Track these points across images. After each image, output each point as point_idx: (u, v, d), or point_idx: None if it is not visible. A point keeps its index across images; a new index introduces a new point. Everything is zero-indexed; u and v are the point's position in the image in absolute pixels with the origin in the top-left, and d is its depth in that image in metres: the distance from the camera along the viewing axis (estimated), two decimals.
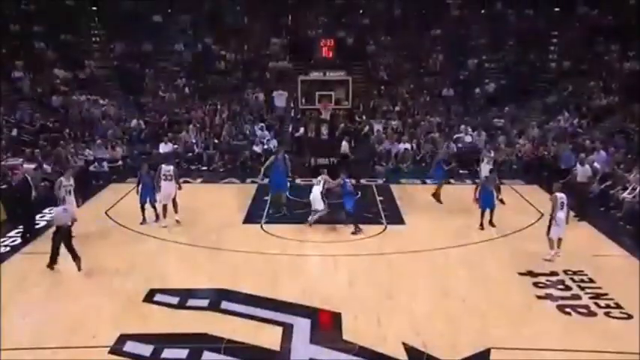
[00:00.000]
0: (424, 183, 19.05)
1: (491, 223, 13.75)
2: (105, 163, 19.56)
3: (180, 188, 14.00)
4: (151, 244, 12.78)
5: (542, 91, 25.09)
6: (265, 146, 21.71)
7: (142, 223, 13.74)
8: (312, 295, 10.27)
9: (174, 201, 14.24)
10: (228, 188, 18.54)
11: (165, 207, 14.01)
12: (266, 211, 15.21)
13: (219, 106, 24.71)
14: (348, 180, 14.21)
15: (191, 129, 22.72)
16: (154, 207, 13.89)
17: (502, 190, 15.13)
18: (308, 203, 14.37)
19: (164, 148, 21.46)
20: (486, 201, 13.66)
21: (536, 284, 10.68)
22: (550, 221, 11.46)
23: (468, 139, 22.06)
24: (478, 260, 11.81)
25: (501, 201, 14.82)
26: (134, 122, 23.41)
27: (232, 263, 11.72)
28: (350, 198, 14.12)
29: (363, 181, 19.66)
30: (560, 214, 11.36)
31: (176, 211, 14.12)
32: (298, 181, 18.43)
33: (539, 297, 10.22)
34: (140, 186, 13.83)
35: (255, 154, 21.48)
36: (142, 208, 13.80)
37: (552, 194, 11.57)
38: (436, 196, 16.04)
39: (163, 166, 14.09)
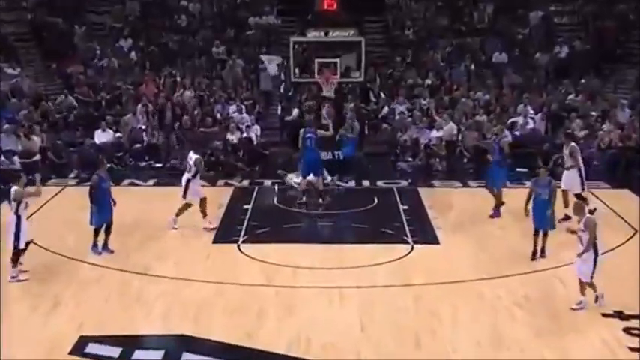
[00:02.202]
0: (465, 186, 19.19)
1: (542, 252, 13.28)
2: (16, 158, 19.72)
3: (114, 204, 14.04)
4: (85, 273, 12.87)
5: (636, 56, 25.11)
6: (244, 134, 21.88)
7: (95, 250, 13.74)
8: (309, 344, 10.21)
9: (202, 201, 15.07)
10: None
11: (185, 207, 15.03)
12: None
13: (178, 78, 24.91)
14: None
15: (139, 110, 22.91)
16: (108, 231, 13.91)
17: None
18: (300, 213, 14.51)
19: (101, 137, 21.66)
20: (538, 217, 13.32)
21: (628, 330, 10.72)
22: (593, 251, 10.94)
23: (528, 124, 22.23)
24: (542, 296, 11.86)
25: (566, 218, 14.78)
26: (59, 100, 23.58)
27: (198, 299, 11.77)
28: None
29: (380, 183, 19.81)
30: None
31: (204, 215, 15.00)
32: (292, 177, 18.58)
33: (632, 349, 10.28)
34: (95, 196, 13.65)
35: (229, 146, 21.64)
36: (97, 231, 13.81)
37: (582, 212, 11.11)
38: (497, 207, 16.13)
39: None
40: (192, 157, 15.42)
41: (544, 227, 13.35)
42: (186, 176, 15.35)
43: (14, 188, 12.66)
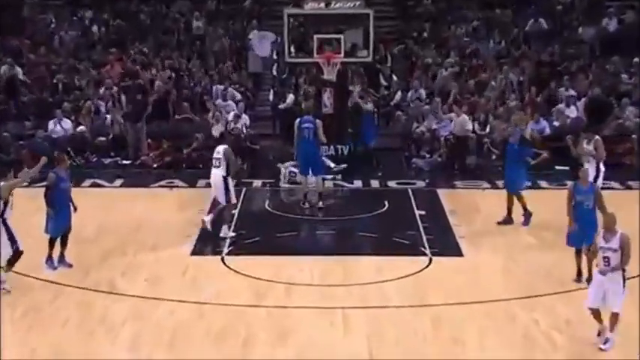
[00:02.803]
0: (494, 187, 19.22)
1: (589, 274, 12.37)
2: None
3: (75, 209, 13.99)
4: (38, 292, 12.87)
5: None
6: (231, 125, 21.89)
7: (51, 264, 13.74)
8: None
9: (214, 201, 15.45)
10: (167, 196, 18.73)
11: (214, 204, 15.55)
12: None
13: (151, 57, 24.89)
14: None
15: (103, 96, 22.92)
16: (65, 242, 13.86)
17: (619, 202, 15.19)
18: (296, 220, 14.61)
19: (57, 127, 21.64)
20: (580, 230, 12.94)
21: None
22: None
23: (571, 112, 22.20)
24: (586, 319, 11.80)
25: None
26: (2, 71, 23.47)
27: (173, 322, 11.76)
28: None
29: (392, 183, 19.81)
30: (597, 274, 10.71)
31: (211, 210, 15.49)
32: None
33: None
34: (52, 198, 13.62)
35: (213, 139, 21.62)
36: (52, 242, 13.81)
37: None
38: (525, 211, 16.21)
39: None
40: (220, 148, 15.65)
41: (588, 243, 12.50)
42: (218, 173, 15.50)
43: None
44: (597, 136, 16.03)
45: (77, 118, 22.17)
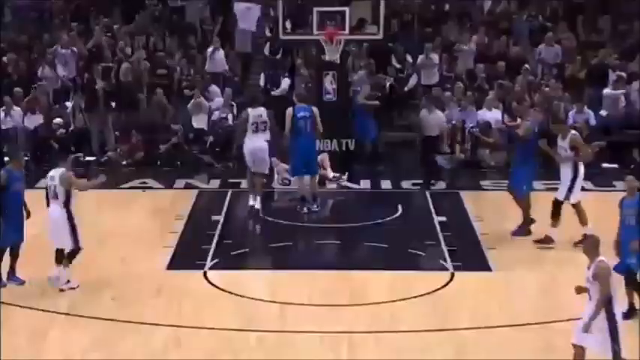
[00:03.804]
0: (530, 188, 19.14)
1: (631, 307, 12.44)
2: None
3: (28, 215, 13.97)
4: None
5: None
6: (216, 115, 21.89)
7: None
8: None
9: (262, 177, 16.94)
10: (139, 199, 18.77)
11: (257, 181, 17.11)
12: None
13: (118, 34, 24.83)
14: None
15: (62, 78, 22.91)
16: (16, 254, 13.80)
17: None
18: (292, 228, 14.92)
19: (6, 117, 21.53)
20: (624, 251, 12.57)
21: None
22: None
23: (621, 99, 22.16)
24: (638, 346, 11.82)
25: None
26: None
27: (146, 350, 11.69)
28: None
29: (406, 184, 19.75)
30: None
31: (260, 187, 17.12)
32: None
33: None
34: (4, 201, 13.60)
35: (195, 132, 21.64)
36: (1, 254, 13.73)
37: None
38: (525, 219, 16.20)
39: (250, 110, 17.09)
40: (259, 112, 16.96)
41: (635, 268, 12.46)
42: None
43: (59, 171, 13.40)
44: (574, 131, 15.97)
45: (30, 106, 22.02)
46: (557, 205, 15.66)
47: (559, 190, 15.71)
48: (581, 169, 15.63)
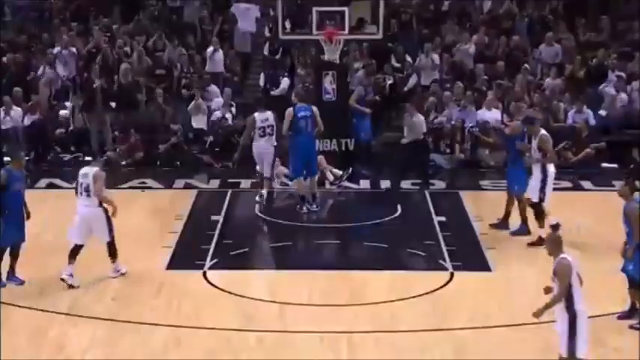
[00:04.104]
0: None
1: (632, 307, 12.52)
2: None
3: (28, 215, 13.94)
4: None
5: None
6: (216, 115, 21.85)
7: None
8: None
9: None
10: (139, 199, 18.73)
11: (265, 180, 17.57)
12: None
13: (117, 34, 24.82)
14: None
15: (62, 78, 22.88)
16: (16, 254, 13.77)
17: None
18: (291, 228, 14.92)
19: (6, 117, 21.51)
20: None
21: None
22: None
23: (620, 98, 22.15)
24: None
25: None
26: None
27: (145, 350, 11.69)
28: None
29: (405, 184, 19.74)
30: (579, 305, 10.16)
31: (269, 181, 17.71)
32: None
33: None
34: (4, 201, 13.57)
35: (194, 132, 21.62)
36: (1, 254, 13.69)
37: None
38: (523, 218, 16.22)
39: (257, 115, 17.56)
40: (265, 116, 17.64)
41: (633, 275, 12.45)
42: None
43: (93, 170, 13.73)
44: (543, 131, 15.90)
45: (30, 106, 22.01)
46: (534, 207, 15.67)
47: (531, 192, 15.72)
48: (551, 169, 15.62)
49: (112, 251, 14.02)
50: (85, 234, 13.85)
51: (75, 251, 13.76)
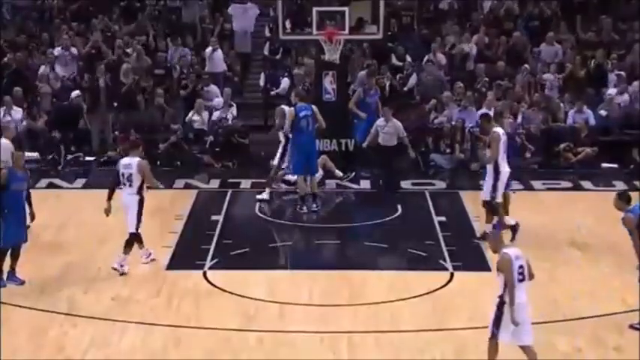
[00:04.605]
0: (528, 188, 19.29)
1: None
2: None
3: (32, 217, 13.99)
4: None
5: None
6: (216, 115, 21.87)
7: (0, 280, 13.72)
8: None
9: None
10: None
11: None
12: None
13: (117, 33, 24.83)
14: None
15: (62, 77, 22.85)
16: (17, 254, 13.74)
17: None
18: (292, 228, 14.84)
19: (5, 116, 21.46)
20: None
21: None
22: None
23: (621, 99, 22.12)
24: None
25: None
26: None
27: (145, 350, 11.70)
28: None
29: (405, 184, 19.74)
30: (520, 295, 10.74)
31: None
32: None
33: None
34: (5, 201, 13.52)
35: (194, 132, 21.61)
36: (2, 254, 13.64)
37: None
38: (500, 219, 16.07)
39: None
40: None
41: None
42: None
43: (135, 160, 14.20)
44: (496, 128, 15.82)
45: (31, 106, 21.99)
46: (485, 205, 15.72)
47: (484, 190, 15.77)
48: (504, 169, 15.56)
49: (130, 243, 14.33)
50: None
51: (132, 242, 14.38)
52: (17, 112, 21.64)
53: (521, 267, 10.76)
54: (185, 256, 15.22)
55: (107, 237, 15.87)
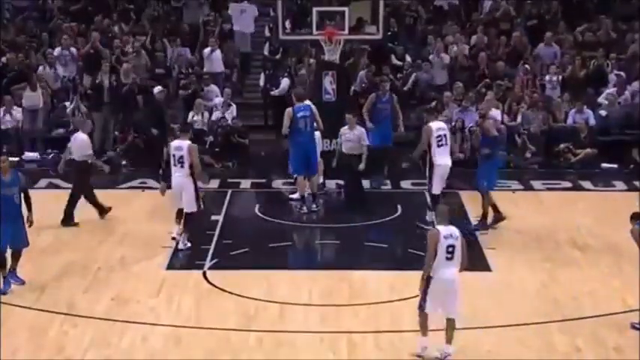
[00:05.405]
0: (528, 188, 19.39)
1: None
2: None
3: (30, 223, 13.81)
4: None
5: None
6: (215, 115, 21.86)
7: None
8: None
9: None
10: (139, 199, 18.76)
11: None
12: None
13: (117, 33, 24.81)
14: None
15: (62, 77, 22.89)
16: (17, 256, 13.69)
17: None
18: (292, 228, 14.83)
19: (6, 116, 21.52)
20: None
21: None
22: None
23: (623, 97, 22.13)
24: None
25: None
26: None
27: (145, 350, 11.70)
28: None
29: (405, 184, 19.75)
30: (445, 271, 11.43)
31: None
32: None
33: None
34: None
35: (193, 132, 21.51)
36: (2, 256, 13.65)
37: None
38: (484, 214, 16.43)
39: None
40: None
41: None
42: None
43: (186, 142, 15.29)
44: (431, 123, 16.36)
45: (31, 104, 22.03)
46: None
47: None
48: (440, 162, 16.13)
49: (187, 221, 15.27)
50: (179, 200, 15.45)
51: (179, 214, 15.46)
52: (18, 112, 21.64)
53: (450, 247, 11.40)
54: (185, 256, 15.21)
55: (106, 235, 15.92)
